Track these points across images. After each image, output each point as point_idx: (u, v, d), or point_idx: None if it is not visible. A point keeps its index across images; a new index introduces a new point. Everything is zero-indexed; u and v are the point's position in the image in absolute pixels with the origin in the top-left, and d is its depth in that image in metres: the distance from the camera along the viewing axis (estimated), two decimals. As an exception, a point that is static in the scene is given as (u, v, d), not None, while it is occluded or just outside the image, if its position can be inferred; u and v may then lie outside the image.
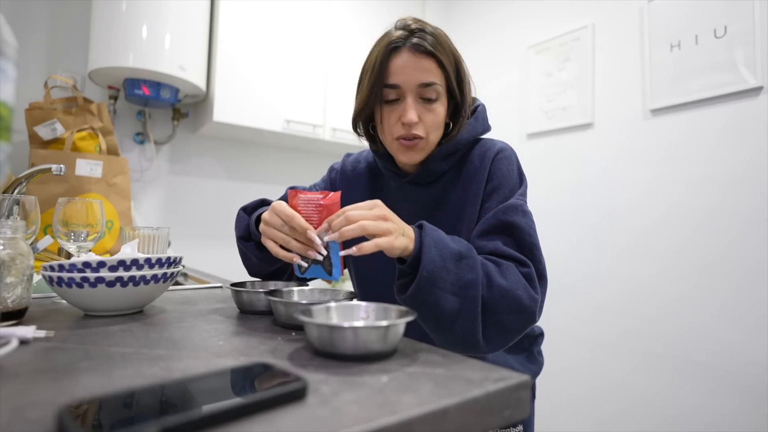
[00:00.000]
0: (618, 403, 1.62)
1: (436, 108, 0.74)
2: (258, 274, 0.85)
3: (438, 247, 0.59)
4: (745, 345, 1.34)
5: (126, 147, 1.83)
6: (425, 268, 0.57)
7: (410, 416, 0.31)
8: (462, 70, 0.76)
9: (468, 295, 0.59)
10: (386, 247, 0.56)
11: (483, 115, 0.82)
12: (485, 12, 2.32)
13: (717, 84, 1.44)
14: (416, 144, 0.74)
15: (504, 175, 0.75)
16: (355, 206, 0.59)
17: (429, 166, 0.78)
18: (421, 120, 0.73)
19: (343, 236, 0.56)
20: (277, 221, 0.65)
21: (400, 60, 0.72)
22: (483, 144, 0.81)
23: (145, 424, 0.27)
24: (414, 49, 0.72)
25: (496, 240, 0.69)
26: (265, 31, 1.86)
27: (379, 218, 0.57)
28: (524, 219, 0.71)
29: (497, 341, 0.63)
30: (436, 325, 0.61)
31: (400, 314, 0.50)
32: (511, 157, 0.78)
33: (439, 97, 0.74)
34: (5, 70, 0.30)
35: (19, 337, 0.46)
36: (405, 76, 0.72)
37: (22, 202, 0.75)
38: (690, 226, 1.49)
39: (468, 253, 0.62)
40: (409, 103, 0.72)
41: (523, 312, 0.62)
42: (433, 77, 0.72)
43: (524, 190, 0.76)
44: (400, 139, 0.75)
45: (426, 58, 0.72)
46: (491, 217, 0.71)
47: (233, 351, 0.46)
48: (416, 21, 0.75)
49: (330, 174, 0.95)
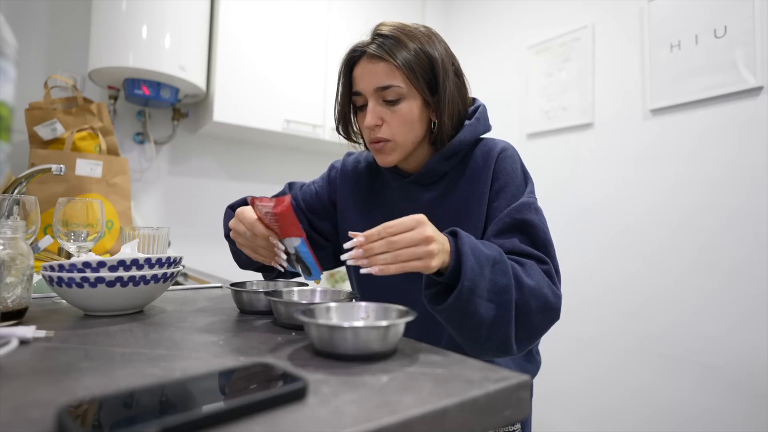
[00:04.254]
0: (615, 401, 1.62)
1: (400, 109, 0.74)
2: (249, 267, 0.86)
3: (475, 254, 0.58)
4: (743, 343, 1.34)
5: (126, 147, 1.83)
6: (467, 278, 0.55)
7: (410, 416, 0.31)
8: (438, 70, 0.74)
9: (503, 300, 0.58)
10: (422, 269, 0.54)
11: (484, 115, 0.83)
12: (485, 12, 2.32)
13: (717, 84, 1.44)
14: (383, 147, 0.76)
15: (509, 174, 0.76)
16: (397, 225, 0.54)
17: (430, 167, 0.79)
18: (385, 122, 0.75)
19: (385, 272, 0.53)
20: (242, 228, 0.67)
21: (359, 68, 0.76)
22: (485, 143, 0.81)
23: (145, 424, 0.27)
24: (369, 56, 0.75)
25: (513, 238, 0.69)
26: (265, 31, 1.86)
27: (423, 241, 0.53)
28: (538, 216, 0.72)
29: (525, 343, 0.63)
30: (472, 334, 0.59)
31: (400, 314, 0.50)
32: (514, 155, 0.79)
33: (404, 97, 0.74)
34: (5, 70, 0.30)
35: (19, 337, 0.46)
36: (364, 83, 0.75)
37: (22, 202, 0.75)
38: (690, 226, 1.49)
39: (500, 257, 0.61)
40: (369, 108, 0.75)
41: (549, 310, 0.63)
42: (390, 80, 0.73)
43: (532, 188, 0.77)
44: (372, 143, 0.77)
45: (380, 62, 0.73)
46: (506, 215, 0.71)
47: (233, 351, 0.46)
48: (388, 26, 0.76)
49: (330, 173, 0.96)
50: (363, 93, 0.76)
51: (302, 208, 0.91)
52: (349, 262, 0.55)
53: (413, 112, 0.75)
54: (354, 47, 0.78)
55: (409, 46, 0.73)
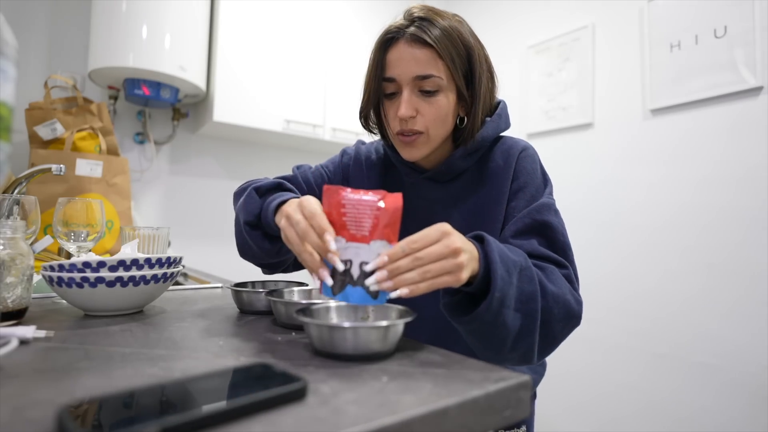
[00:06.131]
0: (622, 404, 1.62)
1: (438, 101, 0.69)
2: (254, 261, 0.76)
3: (503, 261, 0.54)
4: (751, 347, 1.33)
5: (126, 147, 1.83)
6: (497, 288, 0.52)
7: (410, 416, 0.31)
8: (475, 63, 0.71)
9: (530, 309, 0.56)
10: (453, 284, 0.49)
11: (505, 112, 0.79)
12: (485, 12, 2.32)
13: (717, 84, 1.44)
14: (415, 140, 0.70)
15: (529, 174, 0.74)
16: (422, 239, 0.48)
17: (451, 163, 0.75)
18: (420, 113, 0.69)
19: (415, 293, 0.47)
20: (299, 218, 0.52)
21: (396, 52, 0.69)
22: (504, 142, 0.78)
23: (145, 424, 0.27)
24: (410, 39, 0.68)
25: (531, 239, 0.67)
26: (265, 31, 1.86)
27: (451, 254, 0.48)
28: (557, 219, 0.70)
29: (546, 351, 0.61)
30: (496, 345, 0.56)
31: (400, 314, 0.50)
32: (534, 156, 0.76)
33: (441, 89, 0.69)
34: (5, 70, 0.30)
35: (19, 337, 0.46)
36: (400, 69, 0.69)
37: (22, 202, 0.75)
38: (690, 226, 1.49)
39: (526, 263, 0.58)
40: (405, 97, 0.69)
41: (572, 318, 0.60)
42: (431, 69, 0.68)
43: (551, 190, 0.74)
44: (400, 134, 0.71)
45: (422, 48, 0.67)
46: (525, 216, 0.69)
47: (233, 351, 0.46)
48: (423, 9, 0.70)
49: (342, 158, 0.89)
50: (398, 80, 0.69)
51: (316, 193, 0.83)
52: (373, 287, 0.48)
53: (446, 107, 0.70)
54: (390, 27, 0.70)
55: (450, 34, 0.68)
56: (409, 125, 0.70)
